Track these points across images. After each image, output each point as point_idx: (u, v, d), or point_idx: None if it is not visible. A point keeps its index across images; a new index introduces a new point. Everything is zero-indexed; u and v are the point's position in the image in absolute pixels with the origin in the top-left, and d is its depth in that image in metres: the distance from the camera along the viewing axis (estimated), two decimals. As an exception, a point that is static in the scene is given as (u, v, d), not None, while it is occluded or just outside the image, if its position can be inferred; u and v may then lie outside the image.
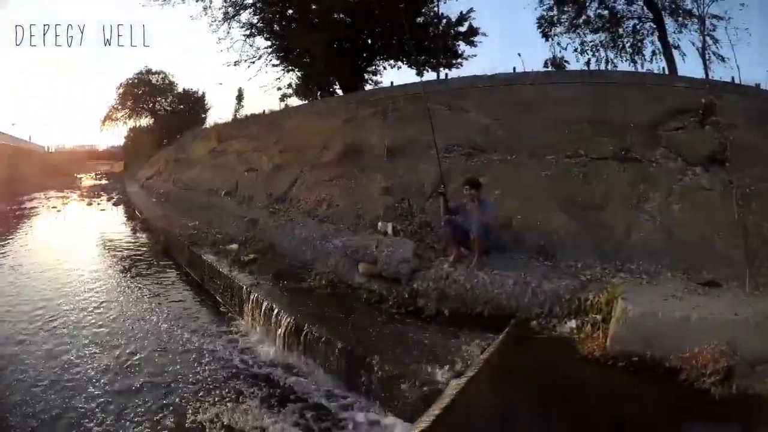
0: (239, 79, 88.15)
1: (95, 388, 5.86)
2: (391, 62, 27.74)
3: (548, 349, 5.76)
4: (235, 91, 49.40)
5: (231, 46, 28.03)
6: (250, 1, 26.04)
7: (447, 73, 23.00)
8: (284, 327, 6.83)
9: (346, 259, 8.52)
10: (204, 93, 50.05)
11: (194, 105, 49.16)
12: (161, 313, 8.60)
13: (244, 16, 26.40)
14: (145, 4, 26.08)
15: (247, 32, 26.90)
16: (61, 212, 23.37)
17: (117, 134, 74.61)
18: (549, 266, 7.34)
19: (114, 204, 26.34)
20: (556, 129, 10.07)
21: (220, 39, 31.58)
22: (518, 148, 9.99)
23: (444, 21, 26.09)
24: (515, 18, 73.64)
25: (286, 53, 27.68)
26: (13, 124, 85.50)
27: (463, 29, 26.21)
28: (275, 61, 28.37)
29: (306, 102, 26.19)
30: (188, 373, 6.31)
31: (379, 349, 5.73)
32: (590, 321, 5.88)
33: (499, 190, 9.00)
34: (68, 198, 29.76)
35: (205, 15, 26.41)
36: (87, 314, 8.43)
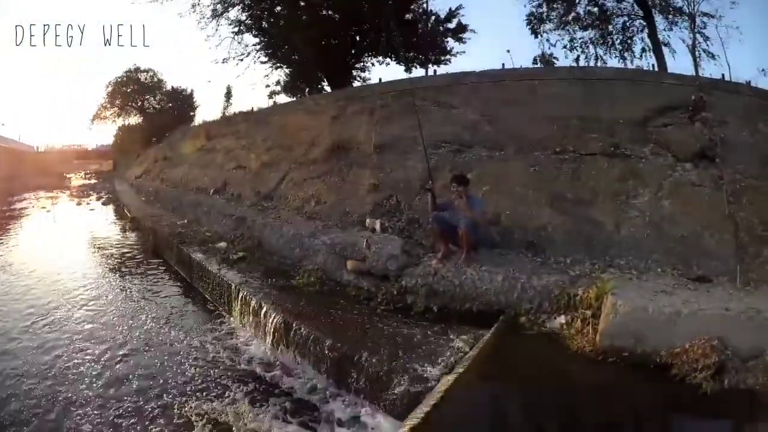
0: (228, 77, 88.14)
1: (84, 384, 5.88)
2: (380, 59, 27.77)
3: (538, 345, 5.77)
4: (224, 89, 49.15)
5: (219, 44, 27.94)
6: (239, -2, 25.93)
7: (435, 70, 23.04)
8: (273, 325, 6.81)
9: (335, 256, 8.53)
10: (192, 91, 50.02)
11: (183, 103, 48.94)
12: (150, 312, 8.57)
13: (233, 13, 26.35)
14: (134, 2, 25.91)
15: (236, 29, 26.87)
16: (51, 212, 23.30)
17: (106, 133, 74.71)
18: (538, 262, 7.34)
19: (103, 203, 26.22)
20: (545, 125, 10.01)
21: (209, 36, 31.63)
22: (506, 144, 9.94)
23: (433, 17, 26.11)
24: (504, 15, 74.01)
25: (275, 50, 27.68)
26: (3, 124, 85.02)
27: (452, 26, 26.22)
28: (263, 59, 28.42)
29: (294, 99, 26.09)
30: (176, 371, 6.30)
31: (368, 347, 5.72)
32: (580, 317, 5.87)
33: (488, 186, 8.97)
34: (58, 198, 29.63)
35: (194, 12, 26.33)
36: (76, 314, 8.40)
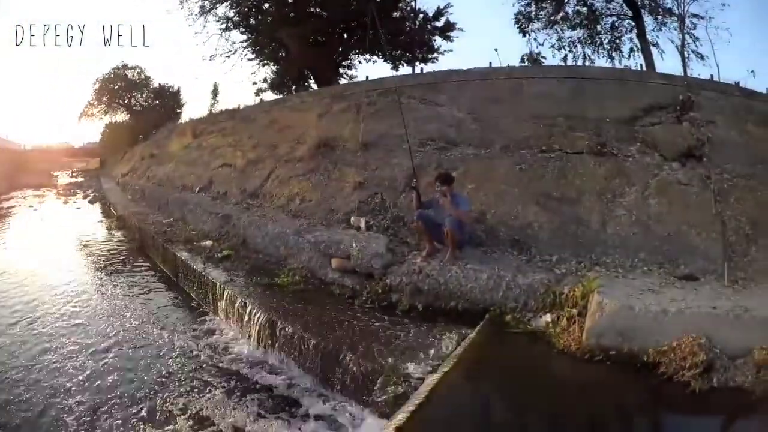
0: (216, 74, 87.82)
1: (68, 380, 5.98)
2: (367, 57, 27.89)
3: (523, 344, 5.73)
4: (211, 86, 48.86)
5: (207, 41, 27.94)
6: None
7: (422, 68, 23.16)
8: (257, 324, 6.83)
9: (319, 255, 8.48)
10: (179, 88, 49.61)
11: (170, 100, 48.60)
12: (135, 311, 8.65)
13: (221, 10, 26.38)
14: None
15: (223, 26, 26.85)
16: (38, 211, 23.05)
17: (94, 131, 74.06)
18: (523, 260, 7.28)
19: (90, 202, 25.94)
20: (531, 123, 10.01)
21: (196, 33, 31.64)
22: (492, 142, 9.90)
23: (420, 16, 26.22)
24: (493, 13, 74.15)
25: (262, 47, 27.72)
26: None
27: (440, 24, 26.43)
28: (250, 56, 28.48)
29: (280, 96, 25.98)
30: (160, 369, 6.35)
31: (353, 345, 5.75)
32: (566, 315, 5.81)
33: (473, 184, 8.91)
34: (44, 196, 29.32)
35: (182, 9, 26.26)
36: (61, 313, 8.41)
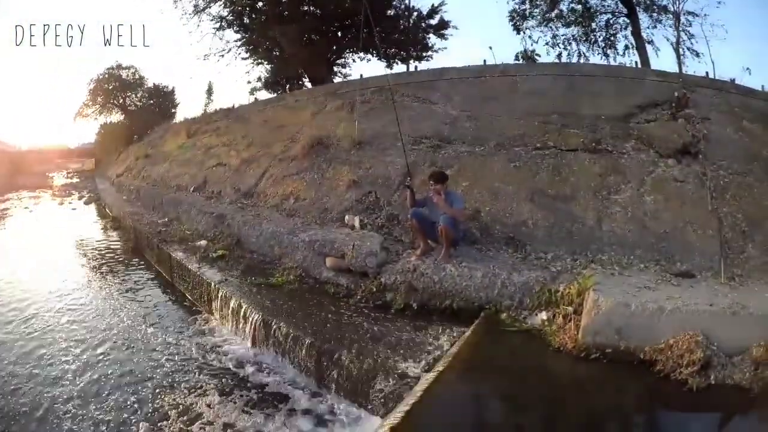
0: (210, 74, 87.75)
1: (62, 378, 6.03)
2: (361, 55, 27.83)
3: (519, 342, 5.68)
4: (206, 86, 48.83)
5: (200, 40, 27.86)
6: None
7: (417, 66, 23.01)
8: (252, 323, 6.80)
9: (314, 254, 8.42)
10: (174, 88, 49.43)
11: (164, 100, 48.44)
12: (129, 311, 8.56)
13: (214, 9, 26.24)
14: None
15: (217, 25, 26.74)
16: (33, 212, 22.91)
17: (89, 132, 73.82)
18: (519, 258, 7.25)
19: (85, 203, 25.70)
20: (526, 121, 10.00)
21: (190, 32, 31.53)
22: (487, 140, 9.86)
23: (415, 14, 26.17)
24: (487, 11, 74.10)
25: (256, 46, 27.65)
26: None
27: (434, 22, 26.34)
28: (244, 55, 28.41)
29: (275, 95, 25.91)
30: (155, 368, 6.34)
31: (348, 344, 5.72)
32: (561, 313, 5.77)
33: (467, 182, 8.88)
34: (40, 197, 29.17)
35: (175, 8, 26.18)
36: (55, 313, 8.38)
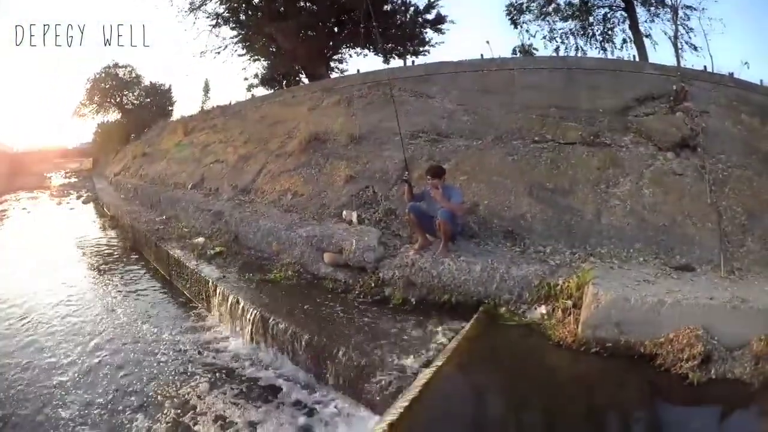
0: (207, 71, 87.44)
1: (60, 373, 6.14)
2: (358, 50, 27.74)
3: (518, 336, 5.66)
4: (203, 83, 48.64)
5: (197, 37, 27.83)
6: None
7: (414, 61, 22.98)
8: (250, 320, 6.79)
9: (311, 249, 8.38)
10: (170, 86, 49.37)
11: (161, 98, 48.34)
12: (127, 308, 8.60)
13: (210, 6, 26.12)
14: None
15: (213, 22, 26.63)
16: (31, 213, 22.92)
17: (86, 131, 73.63)
18: (517, 252, 7.21)
19: (83, 202, 25.64)
20: (523, 114, 9.94)
21: (186, 30, 31.54)
22: (484, 134, 9.82)
23: (411, 8, 26.03)
24: (484, 5, 73.54)
25: (252, 43, 27.58)
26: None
27: (431, 17, 26.24)
28: (241, 51, 28.29)
29: (271, 92, 25.86)
30: (152, 364, 6.40)
31: (346, 340, 5.70)
32: (560, 307, 5.75)
33: (465, 176, 8.84)
34: (38, 198, 29.13)
35: (171, 5, 26.14)
36: (53, 311, 8.44)
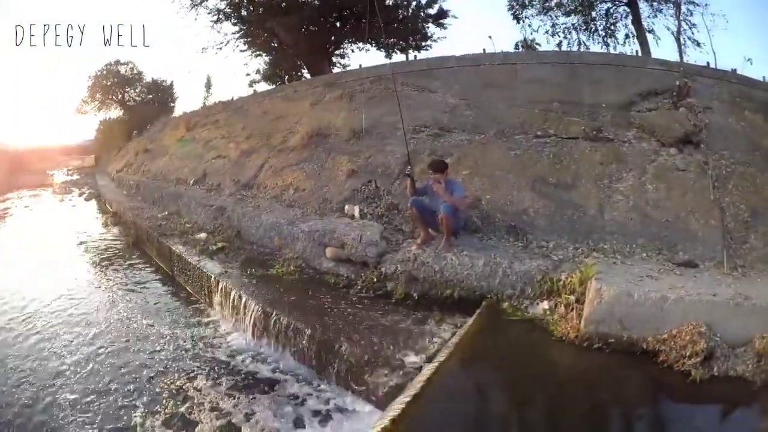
0: (209, 67, 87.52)
1: (63, 366, 6.18)
2: (360, 45, 27.70)
3: (521, 331, 5.65)
4: (205, 79, 48.61)
5: (198, 33, 27.82)
6: (218, -15, 25.61)
7: (416, 56, 22.88)
8: (252, 315, 6.79)
9: (314, 244, 8.39)
10: (172, 82, 49.33)
11: (163, 94, 48.29)
12: (129, 304, 8.61)
13: (212, 2, 26.08)
14: None
15: (215, 18, 26.58)
16: (34, 210, 22.79)
17: (89, 128, 73.59)
18: (520, 246, 7.20)
19: (85, 199, 25.70)
20: (526, 109, 9.92)
21: (188, 26, 31.52)
22: (486, 128, 9.80)
23: (414, 3, 25.97)
24: (486, 0, 73.35)
25: (254, 38, 27.52)
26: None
27: (433, 11, 26.20)
28: (243, 47, 28.25)
29: (273, 87, 25.83)
30: (154, 359, 6.42)
31: (348, 335, 5.69)
32: (563, 302, 5.74)
33: (468, 171, 8.82)
34: (41, 196, 29.11)
35: (172, 1, 26.08)
36: (57, 306, 8.45)
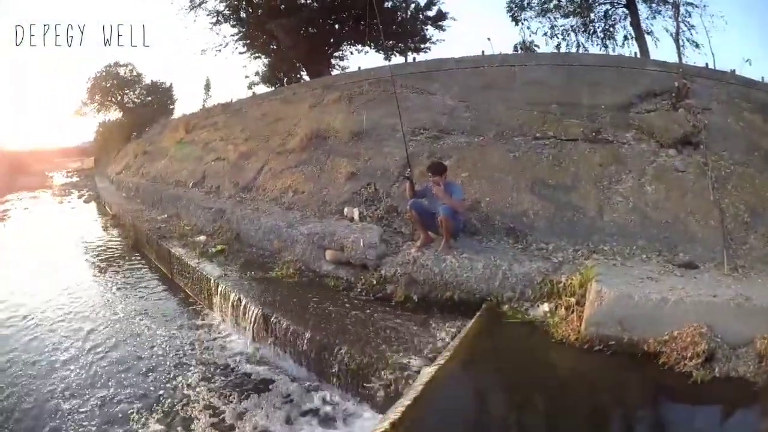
0: (208, 69, 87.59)
1: (62, 369, 6.30)
2: (359, 47, 27.78)
3: (521, 334, 5.62)
4: (204, 82, 48.56)
5: (191, 37, 27.89)
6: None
7: (415, 58, 22.91)
8: (252, 318, 6.78)
9: (313, 247, 8.37)
10: (171, 84, 49.34)
11: (162, 96, 48.26)
12: (128, 306, 8.67)
13: (211, 4, 26.14)
14: None
15: (214, 20, 26.64)
16: (33, 213, 22.88)
17: (88, 130, 73.52)
18: (519, 249, 7.18)
19: (85, 201, 25.76)
20: (525, 111, 9.94)
21: (186, 27, 31.58)
22: (485, 130, 9.80)
23: (412, 5, 26.07)
24: (485, 2, 73.28)
25: (252, 40, 27.59)
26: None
27: (432, 13, 26.30)
28: (242, 49, 28.30)
29: (272, 89, 25.85)
30: (152, 361, 6.49)
31: (348, 338, 5.67)
32: (564, 304, 5.72)
33: (467, 173, 8.80)
34: (40, 197, 29.12)
35: (171, 3, 26.15)
36: (56, 308, 8.55)
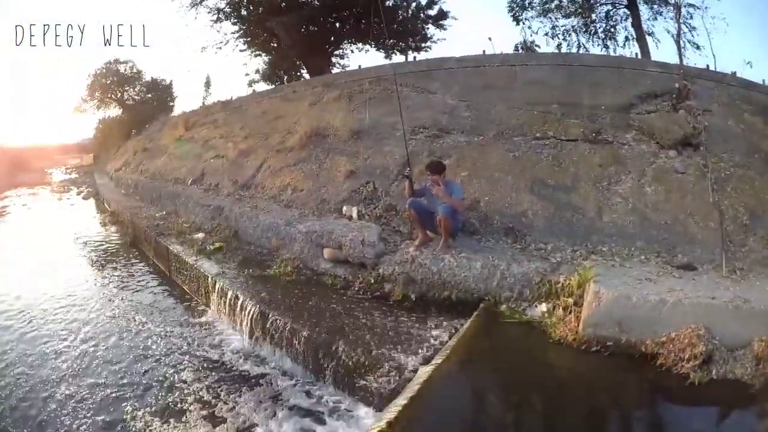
0: (209, 67, 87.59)
1: (59, 362, 6.36)
2: (359, 46, 27.74)
3: (519, 334, 5.60)
4: (204, 79, 48.51)
5: (191, 35, 27.90)
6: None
7: (415, 56, 22.89)
8: (249, 315, 6.76)
9: (311, 245, 8.35)
10: (171, 81, 49.30)
11: (162, 93, 48.23)
12: (125, 303, 8.65)
13: (212, 1, 26.14)
14: None
15: (214, 17, 26.60)
16: (32, 209, 22.85)
17: (87, 127, 73.51)
18: (518, 248, 7.17)
19: (84, 198, 25.76)
20: (525, 110, 9.92)
21: (187, 25, 31.54)
22: (485, 130, 9.79)
23: (414, 4, 26.04)
24: (486, 2, 73.28)
25: (253, 38, 27.56)
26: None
27: (433, 12, 26.27)
28: (242, 47, 28.25)
29: (272, 87, 25.83)
30: (149, 357, 6.49)
31: (345, 336, 5.66)
32: (562, 304, 5.71)
33: (466, 172, 8.80)
34: (38, 194, 29.10)
35: (172, 1, 26.14)
36: (54, 305, 8.54)
